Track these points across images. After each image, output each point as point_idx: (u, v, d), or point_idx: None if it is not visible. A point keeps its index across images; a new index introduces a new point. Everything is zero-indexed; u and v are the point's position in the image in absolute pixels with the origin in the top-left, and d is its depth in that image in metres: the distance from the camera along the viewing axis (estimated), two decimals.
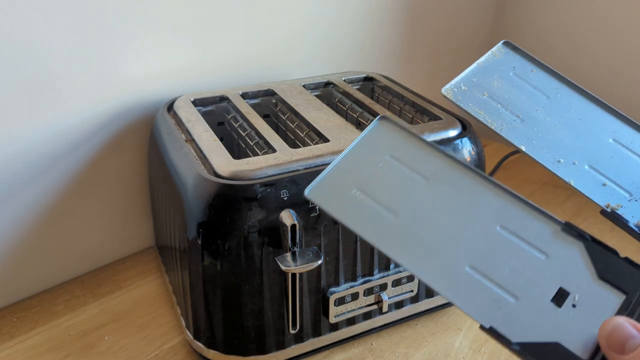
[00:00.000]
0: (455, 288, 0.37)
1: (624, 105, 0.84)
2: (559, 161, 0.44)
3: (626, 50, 0.92)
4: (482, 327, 0.36)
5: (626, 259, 0.37)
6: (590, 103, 0.47)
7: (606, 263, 0.37)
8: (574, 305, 0.36)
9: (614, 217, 0.42)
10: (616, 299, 0.36)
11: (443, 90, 0.47)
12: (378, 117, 0.45)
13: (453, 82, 0.47)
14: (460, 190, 0.41)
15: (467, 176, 0.42)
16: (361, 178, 0.42)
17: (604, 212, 0.42)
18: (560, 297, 0.36)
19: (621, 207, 0.42)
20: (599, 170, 0.44)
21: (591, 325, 0.35)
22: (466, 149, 0.58)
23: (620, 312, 0.35)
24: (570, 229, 0.39)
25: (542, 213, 0.39)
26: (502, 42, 0.50)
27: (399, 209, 0.40)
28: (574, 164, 0.44)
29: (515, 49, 0.50)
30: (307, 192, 0.41)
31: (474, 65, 0.49)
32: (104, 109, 0.65)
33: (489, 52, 0.49)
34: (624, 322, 0.33)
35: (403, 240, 0.39)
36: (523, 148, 0.44)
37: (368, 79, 0.75)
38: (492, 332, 0.35)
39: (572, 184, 0.43)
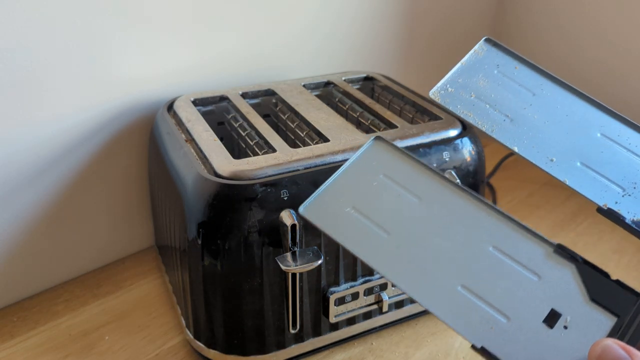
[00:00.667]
0: (447, 307, 0.37)
1: (622, 106, 0.85)
2: (552, 160, 0.44)
3: (625, 52, 0.92)
4: (473, 347, 0.36)
5: (617, 282, 0.37)
6: (575, 97, 0.47)
7: (598, 285, 0.37)
8: (565, 327, 0.36)
9: (610, 214, 0.42)
10: (608, 321, 0.36)
11: (430, 93, 0.47)
12: (373, 137, 0.45)
13: (439, 84, 0.48)
14: (452, 210, 0.41)
15: (460, 196, 0.42)
16: (355, 196, 0.42)
17: (600, 210, 0.42)
18: (552, 318, 0.36)
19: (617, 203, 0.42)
20: (590, 166, 0.44)
21: (582, 347, 0.35)
22: (466, 148, 0.58)
23: (611, 334, 0.35)
24: (562, 251, 0.39)
25: (534, 234, 0.40)
26: (483, 39, 0.50)
27: (391, 227, 0.40)
28: (568, 162, 0.44)
29: (496, 45, 0.50)
30: (302, 209, 0.41)
31: (458, 65, 0.49)
32: (104, 109, 0.65)
33: (471, 51, 0.50)
34: (613, 343, 0.32)
35: (395, 259, 0.39)
36: (516, 149, 0.45)
37: (368, 79, 0.75)
38: (483, 352, 0.35)
39: (567, 182, 0.43)
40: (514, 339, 0.36)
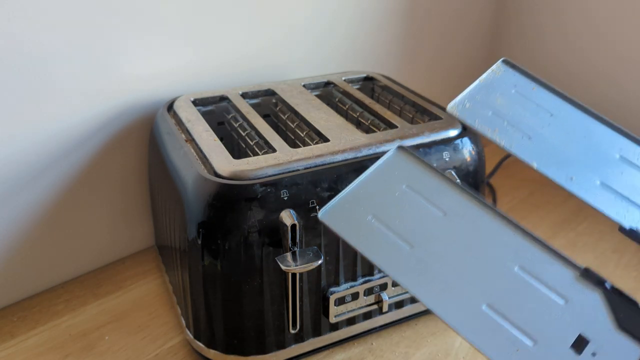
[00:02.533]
0: (471, 326, 0.36)
1: (621, 111, 0.85)
2: (571, 178, 0.44)
3: (625, 58, 0.92)
4: None
5: None
6: (594, 120, 0.47)
7: (626, 313, 0.36)
8: (593, 354, 0.35)
9: (633, 234, 0.42)
10: (637, 349, 0.35)
11: (449, 108, 0.48)
12: (395, 146, 0.45)
13: (457, 99, 0.48)
14: (478, 227, 0.41)
15: (486, 214, 0.41)
16: (377, 205, 0.42)
17: (622, 230, 0.42)
18: (579, 344, 0.36)
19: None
20: (611, 186, 0.44)
21: None
22: (466, 148, 0.58)
23: None
24: (589, 276, 0.38)
25: (561, 257, 0.39)
26: (501, 60, 0.51)
27: (414, 240, 0.40)
28: (588, 181, 0.44)
29: (514, 67, 0.50)
30: (321, 214, 0.41)
31: (476, 82, 0.49)
32: (104, 108, 0.65)
33: (489, 70, 0.50)
34: None
35: (418, 273, 0.39)
36: (535, 165, 0.45)
37: (368, 79, 0.75)
38: None
39: (588, 201, 0.43)
40: None
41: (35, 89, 0.58)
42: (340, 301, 0.55)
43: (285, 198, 0.50)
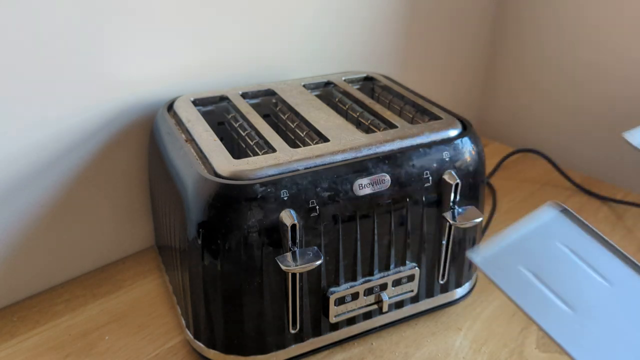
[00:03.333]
0: None
1: (621, 104, 0.84)
2: None
3: (622, 56, 0.92)
4: None
5: None
6: None
7: None
8: None
9: None
10: None
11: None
12: (559, 208, 0.43)
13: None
14: None
15: None
16: (536, 262, 0.40)
17: None
18: None
19: None
20: None
21: None
22: (466, 148, 0.58)
23: None
24: None
25: None
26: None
27: (577, 305, 0.38)
28: None
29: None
30: (480, 262, 0.39)
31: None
32: (104, 109, 0.65)
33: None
34: None
35: (579, 338, 0.37)
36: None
37: (368, 79, 0.75)
38: None
39: None
40: None
41: (36, 90, 0.58)
42: (340, 301, 0.55)
43: (285, 198, 0.50)
